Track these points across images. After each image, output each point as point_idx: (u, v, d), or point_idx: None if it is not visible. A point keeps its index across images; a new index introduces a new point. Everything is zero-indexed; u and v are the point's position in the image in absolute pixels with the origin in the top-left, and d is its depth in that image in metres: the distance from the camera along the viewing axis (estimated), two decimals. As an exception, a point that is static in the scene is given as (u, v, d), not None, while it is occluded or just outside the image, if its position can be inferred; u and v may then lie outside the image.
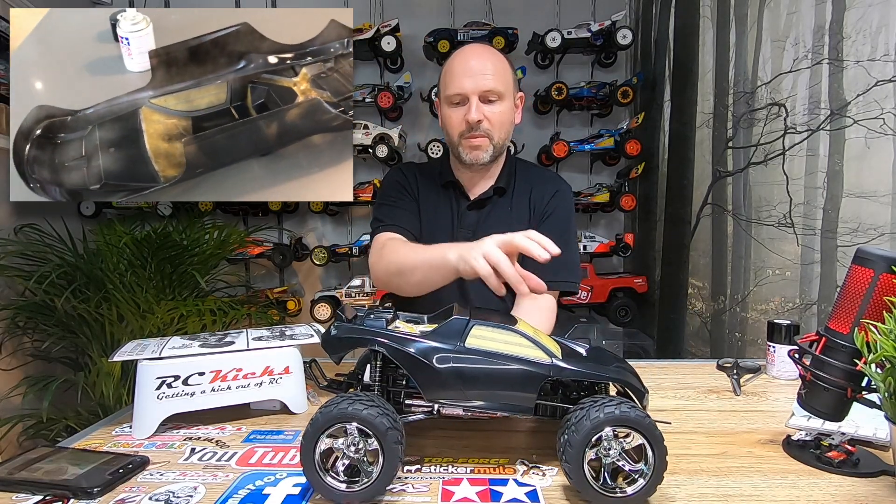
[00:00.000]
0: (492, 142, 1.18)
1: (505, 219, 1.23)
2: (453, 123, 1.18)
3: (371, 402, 0.60)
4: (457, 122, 1.17)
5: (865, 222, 1.56)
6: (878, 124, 1.52)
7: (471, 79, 1.14)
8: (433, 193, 1.28)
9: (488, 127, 1.16)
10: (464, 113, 1.16)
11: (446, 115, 1.20)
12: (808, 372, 0.72)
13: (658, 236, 2.47)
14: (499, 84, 1.16)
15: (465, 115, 1.15)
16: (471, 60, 1.16)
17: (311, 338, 0.93)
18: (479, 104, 1.15)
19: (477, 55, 1.17)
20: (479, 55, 1.17)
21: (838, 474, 0.68)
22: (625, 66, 2.78)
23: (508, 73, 1.20)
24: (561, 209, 1.26)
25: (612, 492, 0.60)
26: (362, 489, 0.60)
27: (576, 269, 1.25)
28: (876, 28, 1.52)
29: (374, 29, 2.43)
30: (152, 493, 0.63)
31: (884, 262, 0.65)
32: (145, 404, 0.82)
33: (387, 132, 2.46)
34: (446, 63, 1.21)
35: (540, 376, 0.67)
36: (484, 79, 1.14)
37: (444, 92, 1.20)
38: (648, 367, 1.16)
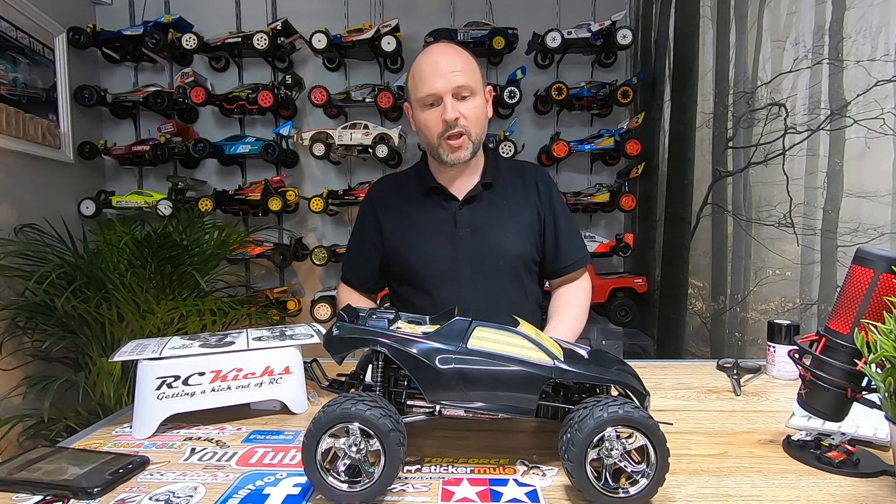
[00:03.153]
0: (470, 138, 1.18)
1: (502, 211, 1.25)
2: (430, 125, 1.17)
3: (374, 402, 0.61)
4: (433, 124, 1.17)
5: (865, 222, 1.56)
6: (878, 124, 1.52)
7: (442, 78, 1.13)
8: (415, 203, 1.27)
9: (465, 124, 1.16)
10: (439, 113, 1.15)
11: (421, 119, 1.19)
12: (808, 372, 0.72)
13: (658, 236, 2.47)
14: (469, 80, 1.16)
15: (441, 115, 1.15)
16: (440, 60, 1.15)
17: (311, 338, 0.93)
18: (454, 102, 1.15)
19: (444, 54, 1.17)
20: (447, 54, 1.17)
21: (838, 474, 0.68)
22: (625, 66, 2.78)
23: (476, 68, 1.20)
24: (556, 195, 1.31)
25: (614, 492, 0.60)
26: (363, 489, 0.60)
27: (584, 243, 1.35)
28: (876, 28, 1.52)
29: (374, 29, 2.43)
30: (152, 493, 0.63)
31: (884, 262, 0.65)
32: (145, 404, 0.82)
33: (387, 132, 2.46)
34: (413, 66, 1.20)
35: (542, 378, 0.67)
36: (455, 76, 1.14)
37: (415, 95, 1.18)
38: (648, 367, 1.16)
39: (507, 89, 2.49)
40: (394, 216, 1.28)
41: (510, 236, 1.24)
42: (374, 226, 1.30)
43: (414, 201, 1.27)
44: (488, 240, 1.22)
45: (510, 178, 1.30)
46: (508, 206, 1.26)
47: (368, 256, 1.31)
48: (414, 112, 1.22)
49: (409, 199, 1.28)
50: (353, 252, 1.36)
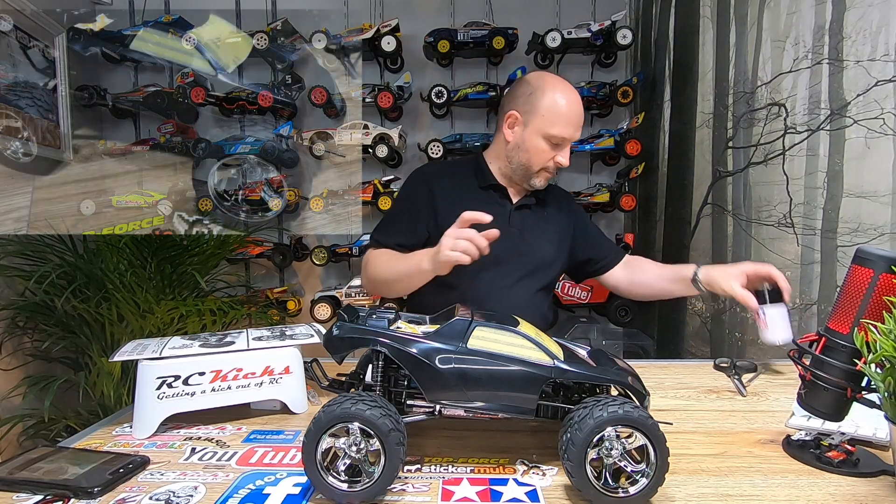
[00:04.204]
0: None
1: (543, 225, 1.39)
2: (542, 158, 1.28)
3: (374, 402, 0.61)
4: (545, 158, 1.28)
5: (865, 222, 1.56)
6: (878, 124, 1.52)
7: (577, 130, 1.28)
8: (470, 192, 1.35)
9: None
10: (556, 154, 1.27)
11: (536, 146, 1.27)
12: (808, 372, 0.72)
13: (658, 236, 2.47)
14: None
15: (556, 156, 1.27)
16: (579, 112, 1.28)
17: (311, 338, 0.93)
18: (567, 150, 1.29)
19: (579, 103, 1.28)
20: (580, 104, 1.29)
21: (838, 474, 0.68)
22: (625, 66, 2.78)
23: None
24: (580, 209, 1.53)
25: (614, 492, 0.60)
26: (363, 489, 0.60)
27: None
28: (876, 28, 1.52)
29: (374, 29, 2.43)
30: (153, 493, 0.64)
31: (884, 262, 0.65)
32: (145, 404, 0.82)
33: (387, 132, 2.46)
34: (549, 96, 1.26)
35: (542, 378, 0.67)
36: (579, 130, 1.30)
37: (544, 127, 1.25)
38: (648, 367, 1.16)
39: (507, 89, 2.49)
40: (449, 197, 1.33)
41: (551, 244, 1.39)
42: (427, 200, 1.33)
43: (470, 190, 1.36)
44: (532, 243, 1.36)
45: (547, 195, 1.43)
46: (548, 217, 1.40)
47: (414, 229, 1.34)
48: (528, 133, 1.28)
49: (467, 186, 1.36)
50: (398, 220, 1.38)
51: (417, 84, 2.66)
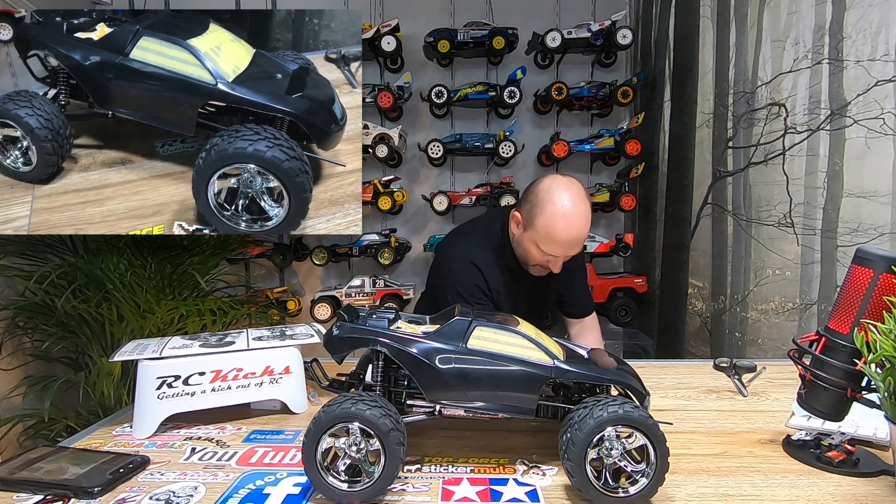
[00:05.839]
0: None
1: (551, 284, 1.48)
2: (535, 258, 1.32)
3: (374, 402, 0.61)
4: (539, 260, 1.32)
5: (865, 222, 1.56)
6: (878, 124, 1.52)
7: (569, 249, 1.28)
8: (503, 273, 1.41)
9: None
10: (547, 260, 1.30)
11: (530, 250, 1.31)
12: (808, 372, 0.72)
13: (658, 236, 2.47)
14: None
15: (546, 259, 1.30)
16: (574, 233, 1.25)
17: (311, 338, 0.93)
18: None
19: (579, 225, 1.25)
20: (582, 227, 1.26)
21: (838, 474, 0.68)
22: (625, 66, 2.78)
23: None
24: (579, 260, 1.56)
25: (614, 491, 0.60)
26: (363, 489, 0.60)
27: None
28: (876, 28, 1.52)
29: (374, 29, 2.43)
30: (153, 493, 0.64)
31: (884, 262, 0.65)
32: (146, 404, 0.82)
33: (387, 132, 2.46)
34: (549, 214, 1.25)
35: (542, 378, 0.67)
36: (576, 248, 1.30)
37: (537, 240, 1.27)
38: (648, 367, 1.16)
39: (507, 89, 2.49)
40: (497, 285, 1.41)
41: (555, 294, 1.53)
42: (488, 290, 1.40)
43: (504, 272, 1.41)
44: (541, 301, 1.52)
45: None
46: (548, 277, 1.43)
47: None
48: (526, 237, 1.31)
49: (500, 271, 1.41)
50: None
51: (417, 84, 2.66)
